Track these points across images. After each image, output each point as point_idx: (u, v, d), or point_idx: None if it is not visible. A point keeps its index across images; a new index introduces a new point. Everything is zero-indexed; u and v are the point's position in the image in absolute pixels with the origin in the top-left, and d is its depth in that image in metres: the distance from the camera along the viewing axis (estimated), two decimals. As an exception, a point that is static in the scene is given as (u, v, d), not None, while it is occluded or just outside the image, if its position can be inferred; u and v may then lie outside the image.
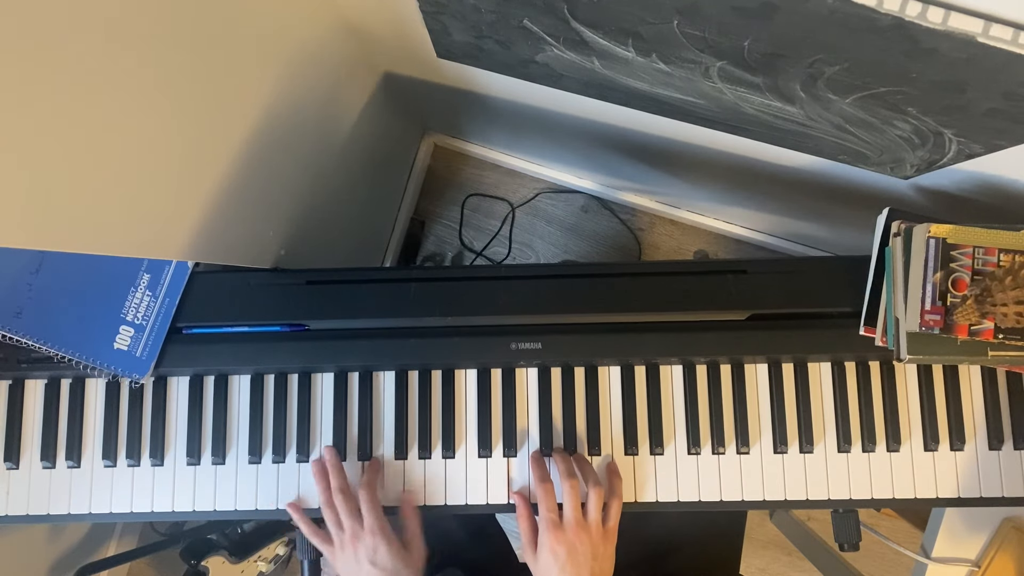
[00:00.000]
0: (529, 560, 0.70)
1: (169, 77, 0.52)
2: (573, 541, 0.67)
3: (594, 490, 0.69)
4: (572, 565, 0.66)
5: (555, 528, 0.67)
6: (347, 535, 0.70)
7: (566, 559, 0.66)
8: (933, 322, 0.65)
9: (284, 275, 0.77)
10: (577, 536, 0.67)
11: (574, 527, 0.67)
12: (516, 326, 0.75)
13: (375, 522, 0.70)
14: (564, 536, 0.67)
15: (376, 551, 0.69)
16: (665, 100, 0.76)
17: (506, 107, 1.05)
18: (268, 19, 0.64)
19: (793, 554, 1.50)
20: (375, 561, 0.68)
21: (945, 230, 0.66)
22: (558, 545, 0.67)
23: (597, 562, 0.67)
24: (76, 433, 0.75)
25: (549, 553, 0.67)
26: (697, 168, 1.11)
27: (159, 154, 0.54)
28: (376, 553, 0.69)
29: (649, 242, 1.55)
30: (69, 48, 0.41)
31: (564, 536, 0.67)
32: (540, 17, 0.63)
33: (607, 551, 0.68)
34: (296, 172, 0.85)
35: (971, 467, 0.73)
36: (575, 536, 0.67)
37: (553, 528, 0.67)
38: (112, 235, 0.52)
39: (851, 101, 0.62)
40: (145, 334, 0.73)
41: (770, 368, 0.76)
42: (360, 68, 0.95)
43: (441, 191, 1.57)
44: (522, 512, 0.72)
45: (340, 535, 0.71)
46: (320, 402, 0.77)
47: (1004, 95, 0.52)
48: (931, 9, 0.44)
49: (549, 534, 0.67)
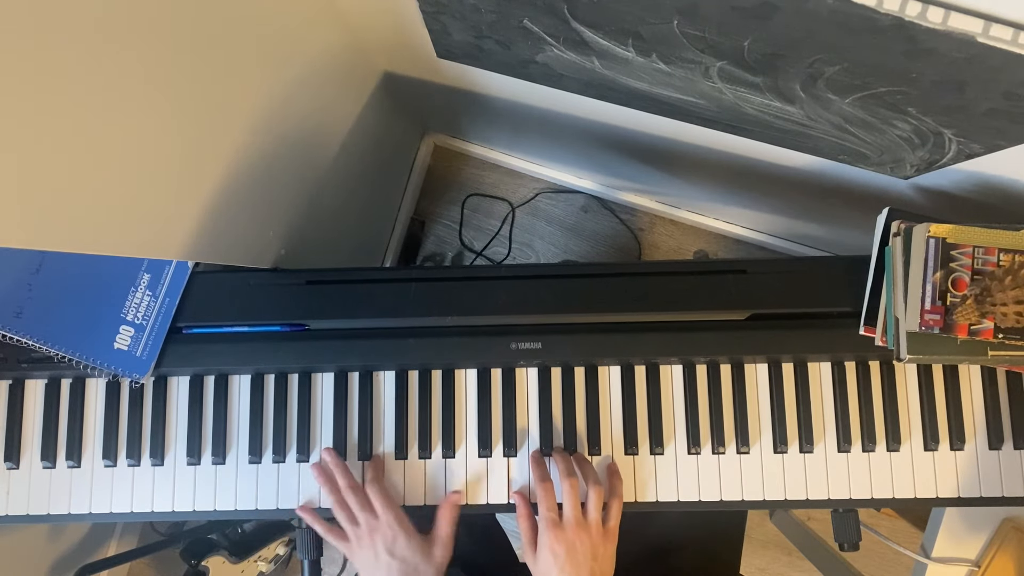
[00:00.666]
0: (529, 560, 0.70)
1: (169, 77, 0.52)
2: (573, 540, 0.67)
3: (594, 489, 0.69)
4: (571, 564, 0.66)
5: (555, 527, 0.67)
6: (363, 529, 0.70)
7: (565, 558, 0.66)
8: (933, 322, 0.65)
9: (284, 275, 0.77)
10: (577, 535, 0.67)
11: (574, 526, 0.67)
12: (516, 326, 0.75)
13: (391, 514, 0.70)
14: (564, 535, 0.67)
15: (395, 541, 0.69)
16: (665, 100, 0.77)
17: (506, 107, 1.05)
18: (268, 19, 0.64)
19: (793, 554, 1.50)
20: (393, 552, 0.68)
21: (945, 230, 0.66)
22: (557, 544, 0.66)
23: (597, 562, 0.67)
24: (76, 433, 0.75)
25: (548, 552, 0.67)
26: (697, 168, 1.11)
27: (159, 154, 0.54)
28: (395, 543, 0.68)
29: (649, 242, 1.55)
30: (69, 48, 0.41)
31: (564, 535, 0.67)
32: (540, 17, 0.63)
33: (607, 551, 0.68)
34: (296, 172, 0.85)
35: (971, 467, 0.73)
36: (575, 535, 0.67)
37: (553, 527, 0.67)
38: (112, 235, 0.52)
39: (851, 101, 0.62)
40: (145, 334, 0.73)
41: (770, 368, 0.76)
42: (360, 68, 0.95)
43: (441, 191, 1.57)
44: (522, 512, 0.72)
45: (356, 530, 0.70)
46: (320, 402, 0.77)
47: (1004, 95, 0.52)
48: (931, 9, 0.44)
49: (549, 533, 0.67)
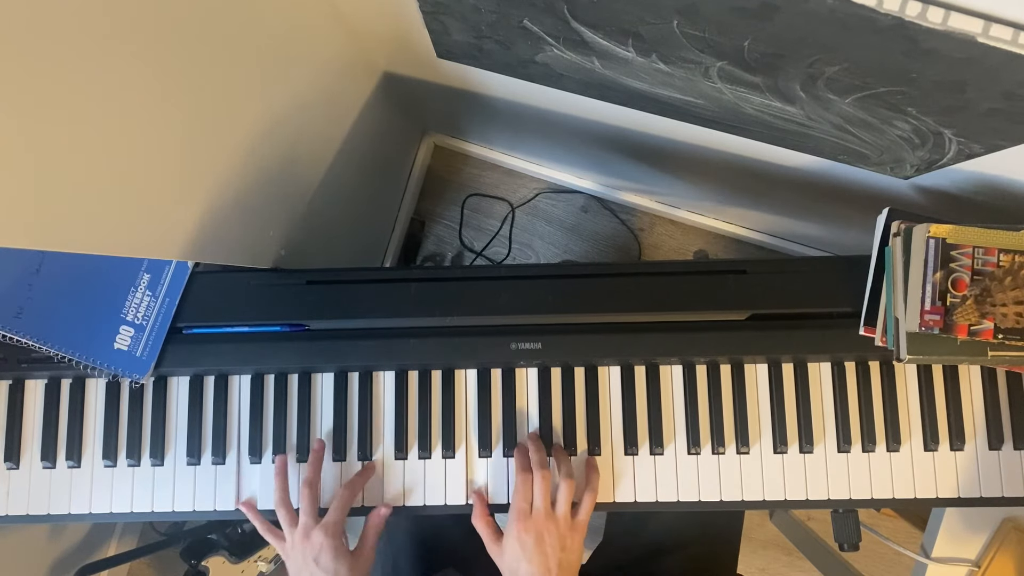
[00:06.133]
0: (494, 553, 0.70)
1: (169, 77, 0.52)
2: (541, 530, 0.67)
3: (565, 482, 0.69)
4: (539, 554, 0.66)
5: (524, 517, 0.68)
6: (299, 533, 0.70)
7: (533, 547, 0.66)
8: (933, 322, 0.65)
9: (284, 275, 0.77)
10: (545, 526, 0.67)
11: (543, 517, 0.67)
12: (516, 326, 0.75)
13: (332, 521, 0.70)
14: (532, 525, 0.67)
15: (321, 551, 0.68)
16: (665, 100, 0.77)
17: (506, 107, 1.05)
18: (268, 19, 0.64)
19: (793, 554, 1.50)
20: (318, 560, 0.68)
21: (945, 230, 0.66)
22: (526, 534, 0.67)
23: (564, 553, 0.67)
24: (76, 433, 0.75)
25: (516, 541, 0.67)
26: (697, 168, 1.11)
27: (159, 154, 0.54)
28: (321, 553, 0.68)
29: (649, 242, 1.55)
30: (70, 49, 0.41)
31: (532, 525, 0.67)
32: (540, 17, 0.63)
33: (575, 543, 0.68)
34: (296, 173, 0.85)
35: (971, 467, 0.73)
36: (543, 526, 0.67)
37: (522, 517, 0.68)
38: (112, 235, 0.52)
39: (851, 101, 0.62)
40: (145, 334, 0.74)
41: (770, 368, 0.76)
42: (360, 68, 0.95)
43: (441, 191, 1.57)
44: (478, 511, 0.72)
45: (292, 532, 0.70)
46: (320, 402, 0.77)
47: (1004, 95, 0.52)
48: (931, 9, 0.44)
49: (518, 523, 0.67)
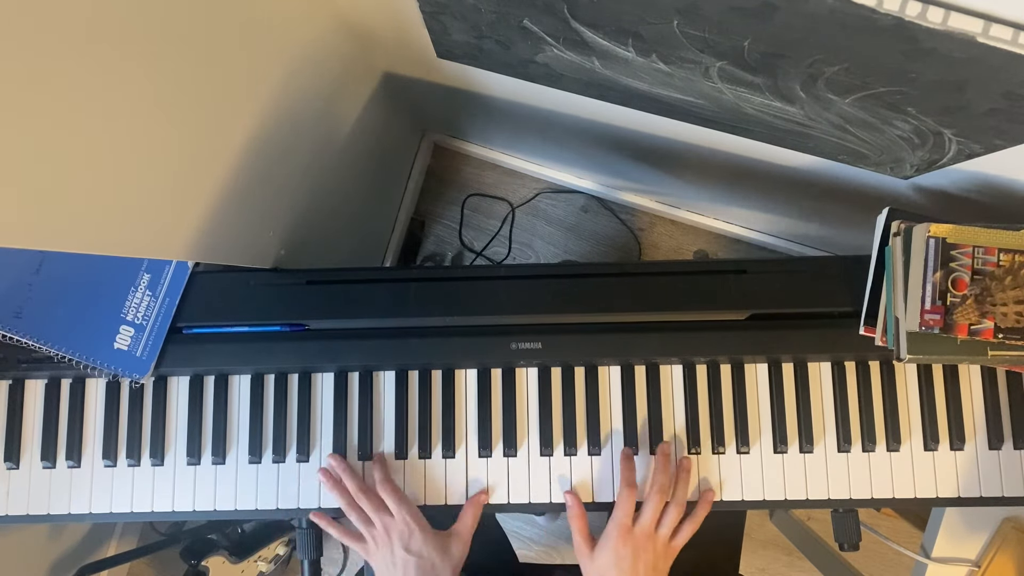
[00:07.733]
0: (583, 555, 0.70)
1: (169, 78, 0.52)
2: (639, 547, 0.67)
3: (675, 507, 0.70)
4: (632, 569, 0.66)
5: (626, 531, 0.68)
6: (379, 530, 0.70)
7: (630, 561, 0.67)
8: (933, 322, 0.65)
9: (284, 275, 0.77)
10: (644, 544, 0.68)
11: (645, 535, 0.68)
12: (516, 326, 0.75)
13: (405, 511, 0.70)
14: (632, 540, 0.68)
15: (411, 537, 0.69)
16: (665, 100, 0.77)
17: (506, 107, 1.05)
18: (268, 19, 0.64)
19: (793, 554, 1.50)
20: (409, 547, 0.68)
21: (945, 230, 0.66)
22: (624, 547, 0.67)
23: (655, 574, 0.68)
24: (76, 433, 0.75)
25: (612, 551, 0.67)
26: (697, 168, 1.11)
27: (159, 155, 0.54)
28: (411, 539, 0.69)
29: (649, 242, 1.55)
30: (70, 49, 0.41)
31: (632, 540, 0.68)
32: (540, 17, 0.63)
33: (665, 566, 0.69)
34: (296, 172, 0.85)
35: (971, 467, 0.73)
36: (642, 543, 0.68)
37: (625, 530, 0.68)
38: (112, 235, 0.52)
39: (851, 101, 0.62)
40: (145, 334, 0.73)
41: (770, 368, 0.76)
42: (360, 68, 0.95)
43: (441, 191, 1.57)
44: (575, 512, 0.72)
45: (371, 531, 0.71)
46: (320, 402, 0.77)
47: (1004, 95, 0.52)
48: (931, 9, 0.44)
49: (619, 534, 0.68)
